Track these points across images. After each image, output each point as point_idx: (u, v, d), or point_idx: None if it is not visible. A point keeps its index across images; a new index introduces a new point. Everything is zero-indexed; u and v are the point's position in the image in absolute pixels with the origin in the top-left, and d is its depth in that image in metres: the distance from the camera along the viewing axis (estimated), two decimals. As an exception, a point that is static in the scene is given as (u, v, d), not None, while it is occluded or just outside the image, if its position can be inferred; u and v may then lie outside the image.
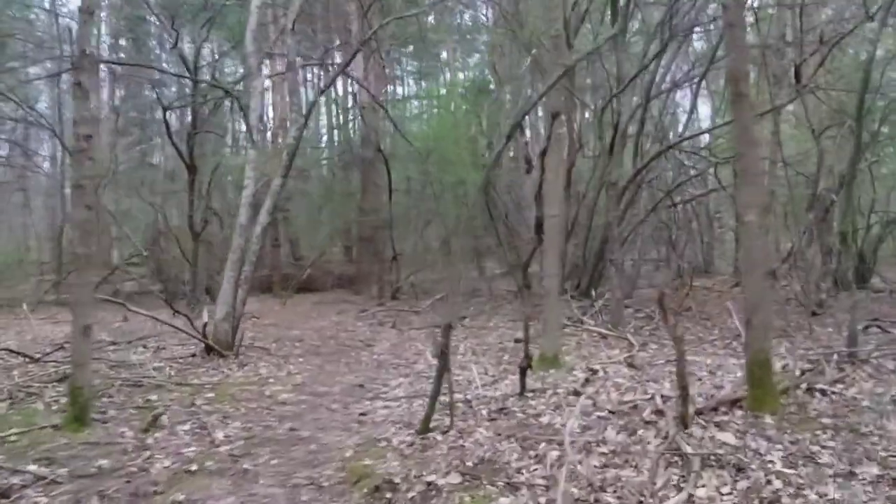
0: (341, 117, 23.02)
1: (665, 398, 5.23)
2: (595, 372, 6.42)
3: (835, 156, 13.39)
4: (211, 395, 6.27)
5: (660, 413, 4.69)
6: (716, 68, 12.97)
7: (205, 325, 8.08)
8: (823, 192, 12.90)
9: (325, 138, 24.50)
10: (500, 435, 4.62)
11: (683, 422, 4.35)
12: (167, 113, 12.04)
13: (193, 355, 8.17)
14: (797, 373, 5.69)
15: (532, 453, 4.16)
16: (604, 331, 8.73)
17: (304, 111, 13.76)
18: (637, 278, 14.11)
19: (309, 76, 23.25)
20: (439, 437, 4.59)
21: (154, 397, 6.12)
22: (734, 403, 4.77)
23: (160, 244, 16.90)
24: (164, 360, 7.98)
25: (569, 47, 12.83)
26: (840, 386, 5.42)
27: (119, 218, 17.28)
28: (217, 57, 15.29)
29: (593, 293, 13.36)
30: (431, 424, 4.86)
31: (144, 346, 9.28)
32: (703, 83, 19.56)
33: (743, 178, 4.78)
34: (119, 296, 15.47)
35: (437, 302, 14.28)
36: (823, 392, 5.10)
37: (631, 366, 6.63)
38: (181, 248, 14.47)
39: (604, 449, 4.23)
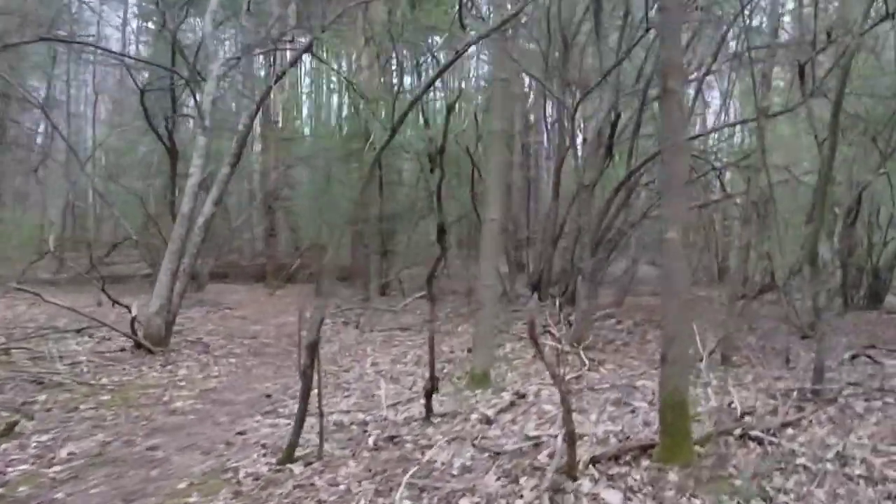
0: (352, 108, 22.51)
1: (577, 437, 4.58)
2: (523, 396, 5.77)
3: (852, 165, 12.43)
4: (106, 398, 5.81)
5: (553, 457, 4.05)
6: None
7: (133, 318, 7.65)
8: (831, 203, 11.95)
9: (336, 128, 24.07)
10: (369, 471, 4.03)
11: (570, 472, 3.71)
12: (144, 96, 11.66)
13: (122, 350, 7.76)
14: (739, 413, 4.98)
15: (382, 501, 3.57)
16: (558, 345, 8.04)
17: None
18: (629, 286, 13.33)
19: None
20: (297, 470, 4.02)
21: (43, 398, 5.69)
22: (645, 450, 4.09)
23: (149, 229, 16.65)
24: (92, 353, 7.58)
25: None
26: (788, 432, 4.69)
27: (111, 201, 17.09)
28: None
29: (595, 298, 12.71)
30: (303, 451, 4.31)
31: (90, 336, 8.91)
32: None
33: (667, 189, 4.08)
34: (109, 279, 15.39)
35: (418, 301, 13.76)
36: (760, 440, 4.38)
37: (567, 390, 5.94)
38: (161, 234, 14.15)
39: (471, 499, 3.62)
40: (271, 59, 17.16)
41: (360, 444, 4.57)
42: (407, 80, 22.49)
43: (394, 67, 16.45)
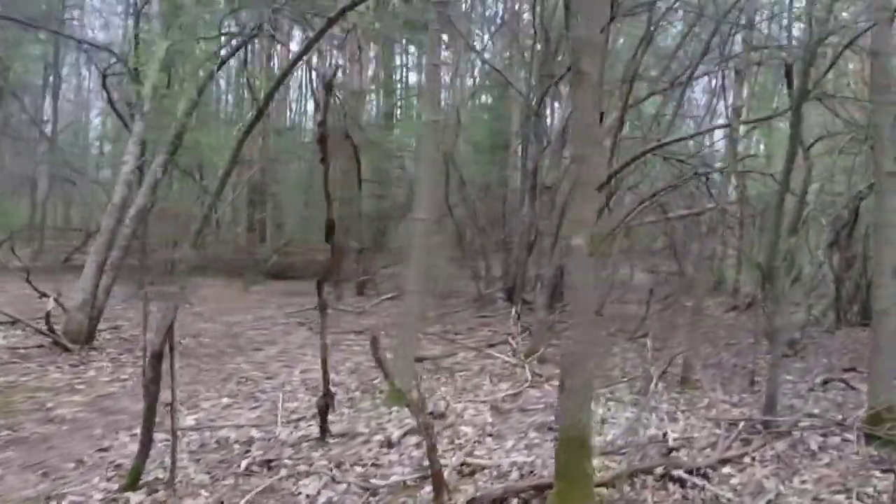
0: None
1: (473, 469, 4.01)
2: (442, 415, 5.20)
3: (851, 175, 11.73)
4: (-15, 400, 5.31)
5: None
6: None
7: (47, 313, 7.14)
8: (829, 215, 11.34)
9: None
10: (220, 504, 3.49)
11: (435, 517, 3.14)
12: (105, 80, 11.16)
13: (41, 346, 7.26)
14: (670, 446, 4.37)
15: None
16: (507, 358, 7.47)
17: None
18: (608, 293, 12.68)
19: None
20: (134, 500, 3.48)
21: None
22: (541, 491, 3.51)
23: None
24: (4, 349, 7.09)
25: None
26: (724, 471, 4.09)
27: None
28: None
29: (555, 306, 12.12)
30: (157, 475, 3.77)
31: (23, 329, 8.42)
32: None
33: (576, 188, 3.50)
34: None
35: (388, 301, 13.24)
36: (682, 482, 3.79)
37: (427, 425, 5.31)
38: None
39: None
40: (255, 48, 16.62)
41: (231, 468, 4.02)
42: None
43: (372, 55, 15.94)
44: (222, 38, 8.78)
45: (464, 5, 16.15)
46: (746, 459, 4.33)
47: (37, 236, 19.29)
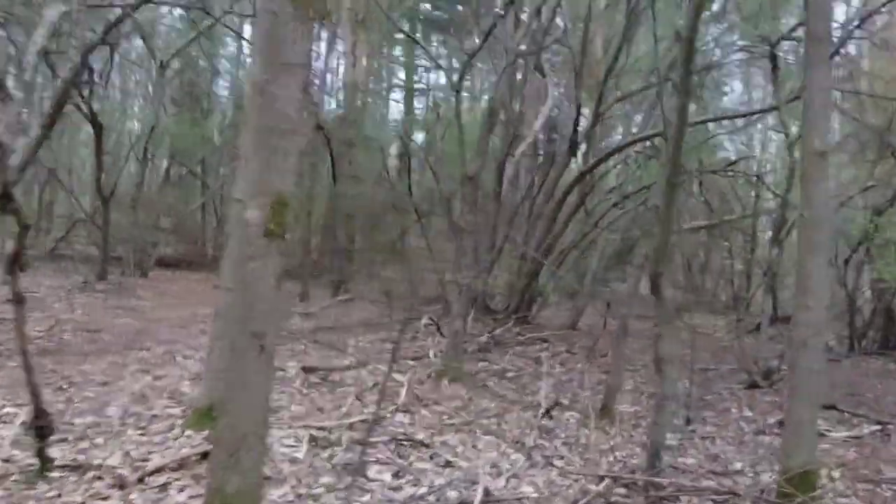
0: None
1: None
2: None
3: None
4: None
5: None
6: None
7: None
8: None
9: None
10: None
11: None
12: (48, 57, 10.52)
13: None
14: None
15: None
16: (396, 374, 6.31)
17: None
18: (585, 306, 11.33)
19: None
20: None
21: None
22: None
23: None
24: None
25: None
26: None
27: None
28: None
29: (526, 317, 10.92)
30: None
31: None
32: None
33: (253, 134, 2.40)
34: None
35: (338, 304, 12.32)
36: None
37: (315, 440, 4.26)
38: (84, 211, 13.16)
39: None
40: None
41: None
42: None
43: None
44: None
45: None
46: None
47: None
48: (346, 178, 14.47)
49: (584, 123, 10.62)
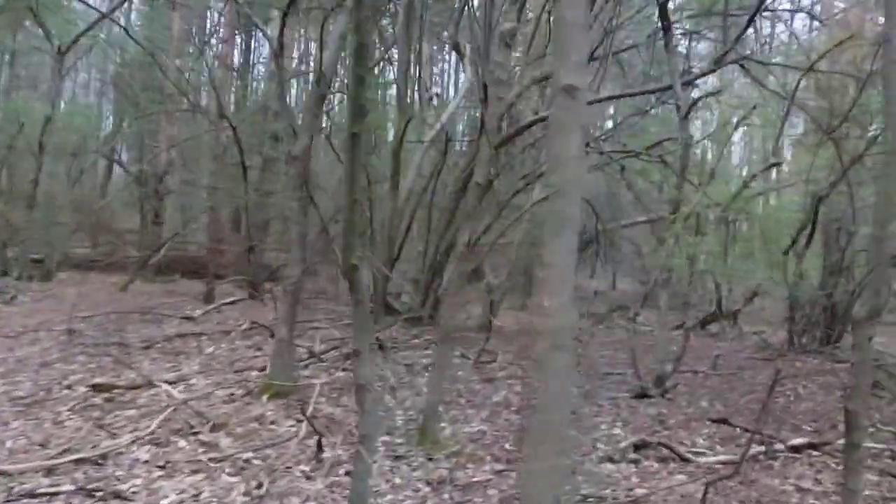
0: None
1: None
2: None
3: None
4: None
5: None
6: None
7: None
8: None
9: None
10: None
11: None
12: None
13: None
14: None
15: None
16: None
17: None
18: (499, 304, 10.25)
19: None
20: None
21: None
22: None
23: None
24: None
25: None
26: None
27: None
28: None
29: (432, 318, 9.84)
30: None
31: None
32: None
33: None
34: None
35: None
36: None
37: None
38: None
39: None
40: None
41: None
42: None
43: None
44: None
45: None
46: None
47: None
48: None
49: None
